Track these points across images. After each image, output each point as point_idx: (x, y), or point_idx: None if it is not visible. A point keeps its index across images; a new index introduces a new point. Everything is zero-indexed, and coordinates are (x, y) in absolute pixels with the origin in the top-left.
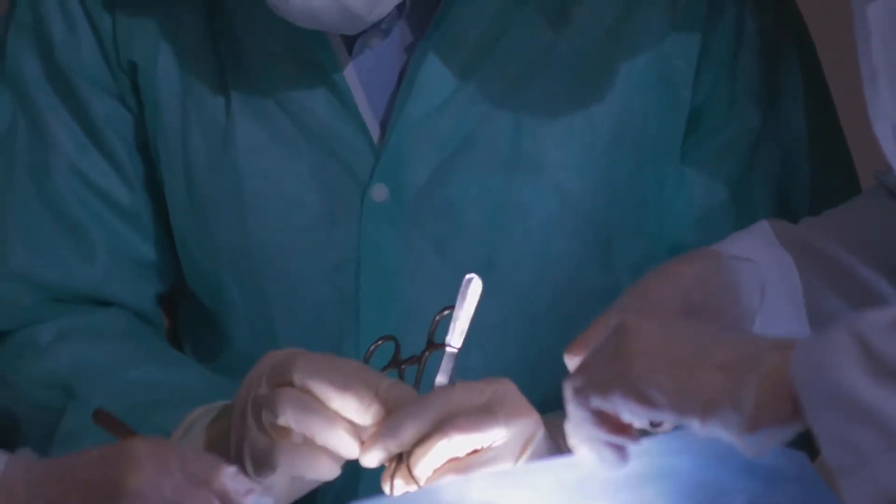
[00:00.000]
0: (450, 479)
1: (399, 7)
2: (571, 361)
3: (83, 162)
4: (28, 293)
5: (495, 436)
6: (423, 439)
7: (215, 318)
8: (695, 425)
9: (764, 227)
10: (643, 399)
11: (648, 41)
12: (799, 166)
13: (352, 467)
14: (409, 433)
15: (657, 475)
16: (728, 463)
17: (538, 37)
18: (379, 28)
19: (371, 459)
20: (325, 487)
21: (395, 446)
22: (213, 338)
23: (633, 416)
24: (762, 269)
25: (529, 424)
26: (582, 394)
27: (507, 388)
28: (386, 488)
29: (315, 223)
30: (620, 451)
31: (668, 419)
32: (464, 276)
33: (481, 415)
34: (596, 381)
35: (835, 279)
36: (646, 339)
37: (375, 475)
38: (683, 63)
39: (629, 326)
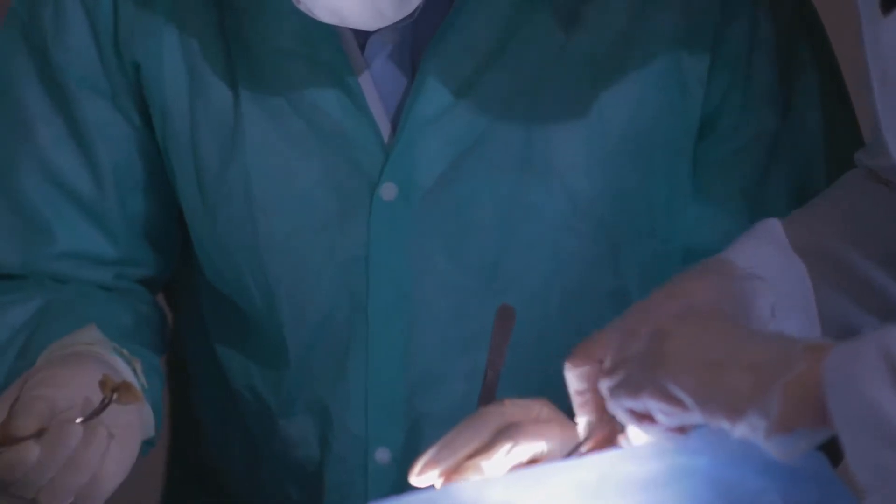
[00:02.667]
0: (468, 480)
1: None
2: (571, 371)
3: (57, 158)
4: None
5: (553, 444)
6: (485, 447)
7: (239, 310)
8: (725, 427)
9: (771, 229)
10: (672, 401)
11: (661, 43)
12: (815, 169)
13: (360, 466)
14: (469, 446)
15: (676, 475)
16: (747, 463)
17: (550, 38)
18: (393, 26)
19: (429, 479)
20: (332, 487)
21: (454, 462)
22: (238, 325)
23: (664, 416)
24: (774, 283)
25: (575, 437)
26: (615, 395)
27: (551, 406)
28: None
29: (324, 222)
30: (681, 430)
31: (696, 421)
32: (473, 276)
33: (541, 423)
34: (628, 382)
35: (847, 281)
36: (677, 341)
37: (385, 476)
38: (696, 66)
39: (664, 330)
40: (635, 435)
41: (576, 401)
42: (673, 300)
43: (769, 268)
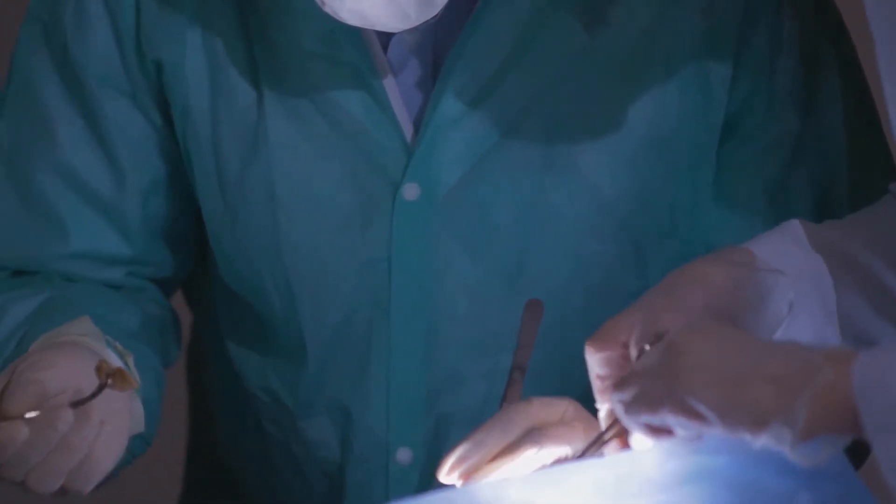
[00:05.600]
0: (487, 480)
1: None
2: (593, 356)
3: (75, 157)
4: None
5: (577, 446)
6: (510, 448)
7: (255, 310)
8: (746, 439)
9: (795, 228)
10: (693, 415)
11: (684, 44)
12: (838, 169)
13: (381, 467)
14: (497, 446)
15: (696, 475)
16: (767, 462)
17: (573, 39)
18: (416, 27)
19: (457, 478)
20: (353, 488)
21: (482, 460)
22: (253, 326)
23: (684, 429)
24: (793, 279)
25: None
26: (632, 410)
27: (578, 406)
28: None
29: (346, 223)
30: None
31: (717, 433)
32: (495, 277)
33: (566, 426)
34: (645, 397)
35: (866, 287)
36: (695, 353)
37: (406, 476)
38: (719, 67)
39: (678, 342)
40: (639, 443)
41: (597, 386)
42: (693, 283)
43: (789, 263)
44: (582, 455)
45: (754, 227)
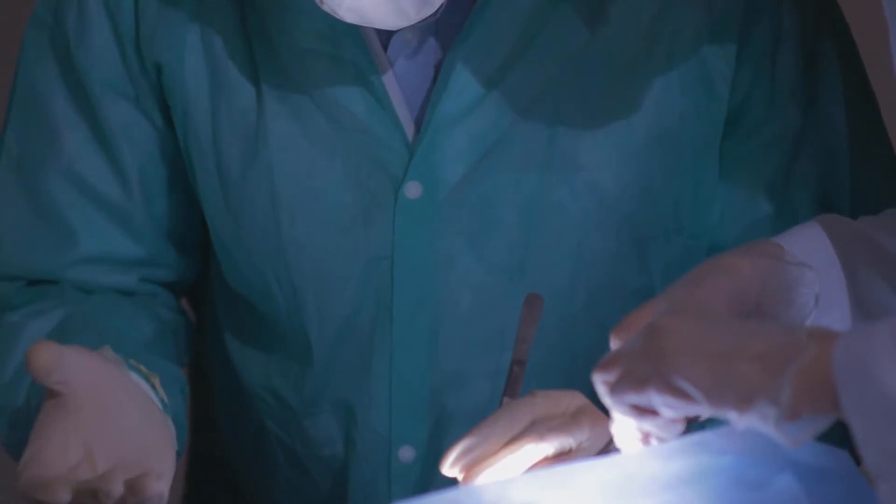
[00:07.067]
0: (492, 480)
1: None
2: (616, 344)
3: (81, 162)
4: (6, 284)
5: (581, 438)
6: (513, 440)
7: (259, 310)
8: (731, 417)
9: (826, 222)
10: (679, 394)
11: (685, 40)
12: (840, 165)
13: (383, 465)
14: (500, 440)
15: (700, 475)
16: (771, 462)
17: (574, 36)
18: (416, 25)
19: (459, 471)
20: (356, 486)
21: (485, 453)
22: (256, 326)
23: (670, 410)
24: (822, 273)
25: (606, 430)
26: (617, 390)
27: (583, 398)
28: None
29: (349, 222)
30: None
31: (704, 412)
32: (498, 274)
33: (570, 419)
34: (630, 377)
35: (887, 269)
36: (680, 334)
37: (408, 474)
38: (721, 62)
39: (662, 325)
40: (620, 432)
41: None
42: (719, 274)
43: (819, 257)
44: (607, 446)
45: (757, 223)
